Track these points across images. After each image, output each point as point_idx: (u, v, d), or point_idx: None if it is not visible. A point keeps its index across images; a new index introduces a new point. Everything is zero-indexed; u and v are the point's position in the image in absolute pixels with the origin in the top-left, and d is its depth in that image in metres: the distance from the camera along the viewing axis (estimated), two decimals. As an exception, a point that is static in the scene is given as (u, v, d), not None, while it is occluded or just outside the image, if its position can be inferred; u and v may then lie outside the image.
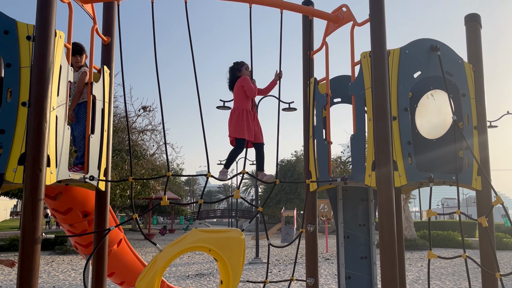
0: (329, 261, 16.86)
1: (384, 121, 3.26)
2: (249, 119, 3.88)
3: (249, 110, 3.93)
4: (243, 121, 3.84)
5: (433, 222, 31.45)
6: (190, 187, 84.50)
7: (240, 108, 3.91)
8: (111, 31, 3.79)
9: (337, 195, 4.23)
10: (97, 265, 3.58)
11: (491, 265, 3.39)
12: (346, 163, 27.95)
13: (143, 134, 22.99)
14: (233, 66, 4.15)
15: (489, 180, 3.51)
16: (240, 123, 3.85)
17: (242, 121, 3.85)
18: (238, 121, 3.85)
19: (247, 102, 3.96)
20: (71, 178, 3.10)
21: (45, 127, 2.65)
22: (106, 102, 3.63)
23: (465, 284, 11.46)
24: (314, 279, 3.94)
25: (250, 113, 3.92)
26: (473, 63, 3.78)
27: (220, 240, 3.21)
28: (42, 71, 2.69)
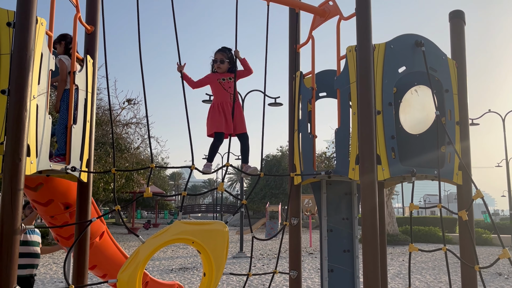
0: (313, 255, 17.00)
1: (368, 115, 3.29)
2: (224, 111, 3.84)
3: (224, 102, 3.87)
4: (215, 115, 3.83)
5: (415, 217, 31.95)
6: (175, 182, 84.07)
7: (213, 102, 3.91)
8: (94, 20, 3.72)
9: (321, 189, 4.25)
10: (79, 257, 3.53)
11: (470, 258, 3.45)
12: (331, 158, 28.17)
13: (127, 127, 22.75)
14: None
15: (470, 175, 3.57)
16: (213, 117, 3.84)
17: (214, 115, 3.84)
18: (212, 116, 3.86)
19: (217, 95, 3.93)
20: (52, 169, 3.04)
21: (25, 116, 2.59)
22: (89, 92, 3.57)
23: (445, 278, 11.68)
24: (297, 272, 3.96)
25: (224, 105, 3.86)
26: (457, 59, 3.83)
27: (203, 232, 3.20)
28: (23, 59, 2.63)
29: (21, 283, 4.86)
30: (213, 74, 3.99)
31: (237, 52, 3.84)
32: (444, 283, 10.86)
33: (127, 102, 21.93)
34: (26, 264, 4.86)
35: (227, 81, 3.95)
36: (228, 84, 3.95)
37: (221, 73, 3.96)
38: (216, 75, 3.97)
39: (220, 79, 3.95)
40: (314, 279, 11.31)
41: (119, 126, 22.17)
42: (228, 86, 3.94)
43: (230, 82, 3.96)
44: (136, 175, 22.46)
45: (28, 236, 4.87)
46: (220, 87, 3.95)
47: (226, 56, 3.96)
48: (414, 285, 10.50)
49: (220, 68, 3.94)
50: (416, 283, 10.88)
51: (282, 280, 10.80)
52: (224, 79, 3.95)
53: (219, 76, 3.96)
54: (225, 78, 3.95)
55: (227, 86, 3.94)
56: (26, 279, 4.84)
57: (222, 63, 3.93)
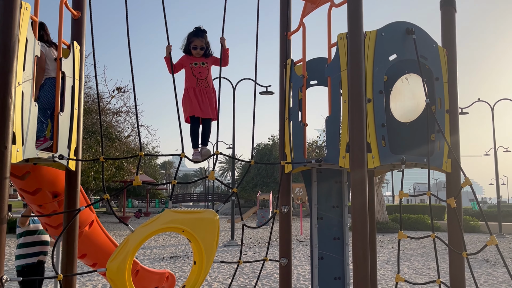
0: (303, 243, 17.14)
1: (359, 103, 3.28)
2: (196, 96, 3.78)
3: (193, 88, 3.78)
4: (187, 100, 3.78)
5: (405, 205, 32.31)
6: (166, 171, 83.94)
7: (185, 87, 3.84)
8: (81, 5, 3.64)
9: (311, 177, 4.25)
10: (67, 246, 3.50)
11: (458, 245, 3.48)
12: (322, 147, 28.27)
13: (117, 115, 22.56)
14: None
15: (459, 163, 3.59)
16: (185, 102, 3.80)
17: (186, 100, 3.79)
18: (184, 102, 3.82)
19: (187, 80, 3.84)
20: (39, 157, 3.00)
21: (10, 103, 2.53)
22: (77, 80, 3.51)
23: (433, 264, 11.86)
24: (288, 259, 3.97)
25: (196, 90, 3.79)
26: (447, 47, 3.82)
27: (193, 221, 3.19)
28: (7, 44, 2.56)
29: (34, 270, 5.09)
30: (187, 58, 3.86)
31: (223, 39, 3.74)
32: (432, 270, 11.02)
33: (116, 91, 21.73)
34: (38, 252, 5.14)
35: (199, 66, 3.84)
36: (198, 70, 3.83)
37: (197, 57, 3.85)
38: (190, 59, 3.85)
39: (192, 63, 3.84)
40: (305, 267, 11.42)
41: (109, 114, 21.99)
42: (198, 71, 3.83)
43: (202, 67, 3.84)
44: (127, 164, 22.36)
45: (38, 225, 5.10)
46: (190, 72, 3.84)
47: (205, 42, 3.86)
48: (403, 272, 10.65)
49: (198, 54, 3.84)
50: (405, 269, 11.03)
51: (273, 267, 10.88)
52: (197, 64, 3.84)
53: (192, 60, 3.84)
54: (197, 62, 3.84)
55: (197, 71, 3.83)
56: (39, 266, 5.16)
57: (202, 49, 3.84)
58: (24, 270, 5.05)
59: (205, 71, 3.86)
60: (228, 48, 3.81)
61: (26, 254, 5.10)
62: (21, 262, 5.08)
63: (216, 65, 3.90)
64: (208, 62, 3.89)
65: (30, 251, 5.12)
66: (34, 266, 5.15)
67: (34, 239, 5.16)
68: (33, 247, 5.14)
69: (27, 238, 5.12)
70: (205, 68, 3.86)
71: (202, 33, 3.88)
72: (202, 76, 3.83)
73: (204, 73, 3.85)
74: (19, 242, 5.14)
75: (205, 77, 3.85)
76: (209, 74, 3.91)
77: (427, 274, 10.44)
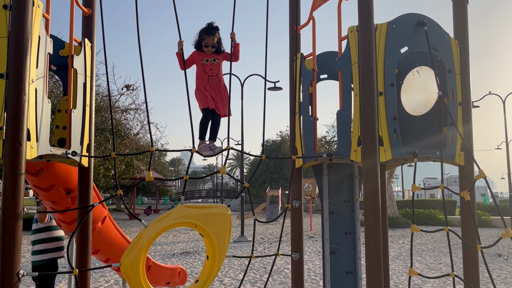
0: (313, 239, 17.13)
1: (370, 96, 3.25)
2: (208, 91, 3.80)
3: (204, 84, 3.81)
4: (201, 95, 3.82)
5: (415, 200, 32.12)
6: (175, 168, 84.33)
7: (196, 84, 3.87)
8: (92, 3, 3.66)
9: (322, 172, 4.24)
10: (81, 242, 3.54)
11: (472, 238, 3.46)
12: (331, 142, 28.16)
13: (126, 113, 22.68)
14: None
15: (472, 155, 3.55)
16: (199, 97, 3.85)
17: (200, 95, 3.84)
18: (198, 96, 3.86)
19: (198, 77, 3.85)
20: (52, 154, 3.03)
21: (24, 100, 2.56)
22: (88, 76, 3.53)
23: (445, 259, 11.79)
24: (299, 254, 3.97)
25: (207, 87, 3.81)
26: (459, 39, 3.78)
27: (206, 216, 3.20)
28: (20, 42, 2.58)
29: (54, 264, 5.27)
30: (198, 54, 3.85)
31: (234, 34, 3.73)
32: (444, 264, 10.96)
33: (125, 88, 21.83)
34: (55, 248, 5.29)
35: (210, 62, 3.83)
36: (209, 66, 3.83)
37: (208, 54, 3.84)
38: (201, 55, 3.84)
39: (203, 60, 3.83)
40: (315, 262, 11.42)
41: (118, 112, 22.10)
42: (209, 68, 3.82)
43: (213, 64, 3.84)
44: (136, 161, 22.49)
45: (53, 221, 5.24)
46: (201, 69, 3.84)
47: (216, 40, 3.84)
48: (415, 267, 10.60)
49: (210, 51, 3.83)
50: (416, 264, 10.98)
51: (283, 263, 10.89)
52: (208, 60, 3.83)
53: (203, 56, 3.83)
54: (208, 59, 3.83)
55: (208, 68, 3.82)
56: (55, 261, 5.34)
57: (213, 47, 3.82)
58: (46, 265, 5.18)
59: (216, 68, 3.86)
60: (239, 43, 3.81)
61: (48, 249, 5.22)
62: (43, 257, 5.21)
63: (227, 60, 3.90)
64: (219, 58, 3.89)
65: (51, 246, 5.25)
66: (55, 260, 5.31)
67: (53, 234, 5.27)
68: (53, 242, 5.27)
69: (47, 233, 5.23)
70: (216, 65, 3.86)
71: (214, 31, 3.86)
72: (214, 73, 3.84)
73: (215, 70, 3.85)
74: (40, 237, 5.24)
75: (216, 74, 3.86)
76: (220, 70, 3.91)
77: (439, 269, 10.39)
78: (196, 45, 3.88)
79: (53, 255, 5.27)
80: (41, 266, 5.17)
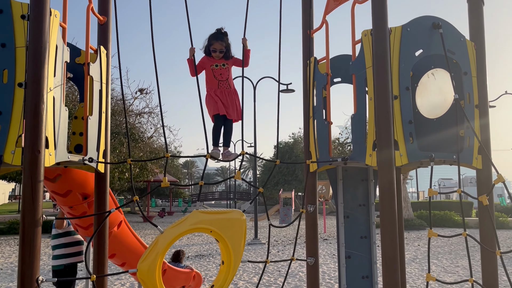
0: (327, 241, 17.03)
1: (385, 100, 3.23)
2: (219, 97, 3.80)
3: (214, 89, 3.82)
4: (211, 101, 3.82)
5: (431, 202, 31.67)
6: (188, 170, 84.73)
7: (206, 90, 3.88)
8: (107, 11, 3.71)
9: (337, 176, 4.22)
10: (98, 247, 3.58)
11: (491, 243, 3.41)
12: (344, 144, 27.99)
13: (140, 116, 22.89)
14: None
15: (490, 159, 3.50)
16: (209, 103, 3.85)
17: (210, 101, 3.84)
18: (208, 102, 3.86)
19: (208, 83, 3.87)
20: (70, 160, 3.07)
21: (43, 108, 2.60)
22: (104, 83, 3.58)
23: (462, 262, 11.62)
24: (315, 259, 3.96)
25: (217, 92, 3.82)
26: (475, 40, 3.73)
27: (221, 221, 3.21)
28: (38, 51, 2.63)
29: (74, 269, 5.35)
30: (207, 59, 3.87)
31: (245, 40, 3.74)
32: (461, 268, 10.81)
33: (139, 92, 22.04)
34: (74, 252, 5.39)
35: (219, 67, 3.85)
36: (219, 71, 3.84)
37: (217, 59, 3.86)
38: (210, 60, 3.86)
39: (213, 65, 3.85)
40: (330, 265, 11.35)
41: (132, 116, 22.32)
42: (219, 73, 3.84)
43: (222, 69, 3.85)
44: (150, 164, 22.66)
45: (71, 226, 5.33)
46: (211, 74, 3.85)
47: (225, 45, 3.85)
48: (431, 270, 10.47)
49: (218, 56, 3.84)
50: (432, 267, 10.85)
51: (297, 266, 10.85)
52: (217, 65, 3.84)
53: (213, 61, 3.85)
54: (218, 64, 3.85)
55: (218, 73, 3.84)
56: (75, 266, 5.43)
57: (221, 52, 3.83)
58: (66, 270, 5.26)
59: (226, 72, 3.87)
60: (250, 49, 3.82)
61: (67, 253, 5.30)
62: (63, 262, 5.30)
63: (236, 65, 3.92)
64: (229, 63, 3.90)
65: (70, 251, 5.33)
66: (74, 265, 5.39)
67: (72, 239, 5.35)
68: (73, 247, 5.34)
69: (67, 239, 5.31)
70: (225, 70, 3.87)
71: (222, 36, 3.88)
72: (223, 78, 3.85)
73: (225, 74, 3.87)
74: (60, 242, 5.34)
75: (226, 78, 3.87)
76: (230, 75, 3.92)
77: (456, 272, 10.24)
78: (205, 50, 3.90)
79: (73, 259, 5.34)
80: (61, 271, 5.26)
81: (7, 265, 11.79)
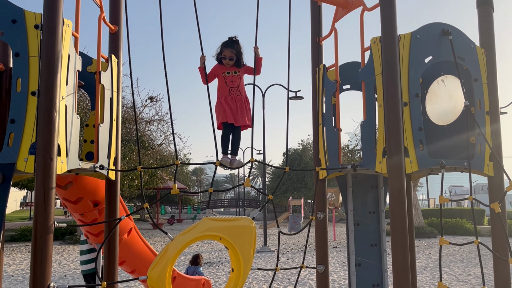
0: (337, 249, 16.91)
1: (395, 107, 3.22)
2: (229, 104, 3.81)
3: (226, 96, 3.83)
4: (220, 108, 3.83)
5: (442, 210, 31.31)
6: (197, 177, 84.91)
7: (217, 96, 3.89)
8: (118, 20, 3.76)
9: (347, 183, 4.21)
10: (109, 254, 3.60)
11: (503, 251, 3.36)
12: (354, 151, 27.85)
13: (150, 124, 23.05)
14: None
15: (502, 166, 3.47)
16: (218, 110, 3.85)
17: (219, 108, 3.84)
18: (217, 109, 3.87)
19: (220, 90, 3.89)
20: (81, 168, 3.10)
21: (55, 117, 2.64)
22: (115, 92, 3.62)
23: (474, 271, 11.45)
24: (324, 267, 3.94)
25: (228, 99, 3.83)
26: (485, 47, 3.71)
27: (231, 228, 3.21)
28: (51, 60, 2.68)
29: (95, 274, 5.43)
30: (219, 67, 3.91)
31: (257, 48, 3.77)
32: (473, 276, 10.65)
33: (149, 100, 22.22)
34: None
35: (231, 75, 3.88)
36: (230, 78, 3.87)
37: (228, 67, 3.89)
38: (222, 68, 3.90)
39: (225, 73, 3.88)
40: (340, 273, 11.27)
41: (142, 123, 22.49)
42: (230, 80, 3.87)
43: (234, 76, 3.88)
44: (160, 171, 22.76)
45: None
46: (223, 81, 3.89)
47: (235, 52, 3.88)
48: (443, 278, 10.34)
49: (228, 64, 3.88)
50: (444, 276, 10.70)
51: (307, 274, 10.79)
52: (229, 73, 3.88)
53: (225, 69, 3.89)
54: (230, 71, 3.88)
55: (229, 80, 3.87)
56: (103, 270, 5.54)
57: (231, 60, 3.87)
58: (94, 274, 5.36)
59: (237, 79, 3.90)
60: (262, 57, 3.84)
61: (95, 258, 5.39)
62: (92, 266, 5.45)
63: (248, 73, 3.95)
64: (241, 71, 3.93)
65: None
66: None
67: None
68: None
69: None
70: (237, 77, 3.90)
71: (233, 44, 3.92)
72: (235, 85, 3.88)
73: (236, 81, 3.89)
74: (87, 248, 5.49)
75: (237, 85, 3.90)
76: (241, 82, 3.94)
77: (468, 280, 10.10)
78: (217, 58, 3.95)
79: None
80: (89, 275, 5.44)
81: (18, 272, 11.89)
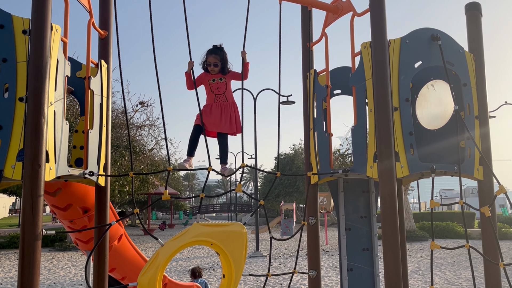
0: (329, 253, 16.91)
1: (385, 112, 3.24)
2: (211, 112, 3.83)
3: (211, 104, 3.85)
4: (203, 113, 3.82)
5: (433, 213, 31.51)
6: (189, 182, 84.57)
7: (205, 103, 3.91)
8: (107, 25, 3.73)
9: (338, 187, 4.21)
10: (99, 261, 3.55)
11: (494, 255, 3.38)
12: (345, 155, 27.96)
13: (141, 129, 22.93)
14: None
15: (492, 170, 3.49)
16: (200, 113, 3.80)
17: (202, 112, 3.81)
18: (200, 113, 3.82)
19: (207, 97, 3.92)
20: (70, 174, 3.07)
21: (43, 123, 2.61)
22: (104, 97, 3.59)
23: (465, 274, 11.52)
24: (316, 272, 3.93)
25: (211, 106, 3.85)
26: (474, 52, 3.75)
27: (222, 234, 3.19)
28: (39, 66, 2.65)
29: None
30: (205, 75, 3.94)
31: (244, 53, 3.78)
32: (464, 279, 10.71)
33: (140, 105, 22.12)
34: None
35: (217, 82, 3.90)
36: (216, 85, 3.89)
37: (213, 74, 3.91)
38: (208, 76, 3.92)
39: (210, 80, 3.90)
40: (332, 278, 11.26)
41: (133, 128, 22.37)
42: (216, 87, 3.89)
43: (220, 83, 3.90)
44: (151, 177, 22.62)
45: None
46: (209, 88, 3.91)
47: (219, 59, 3.90)
48: (434, 282, 10.37)
49: (213, 70, 3.90)
50: (435, 279, 10.75)
51: (299, 279, 10.76)
52: (215, 80, 3.90)
53: (210, 76, 3.91)
54: (215, 79, 3.90)
55: (214, 87, 3.89)
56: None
57: (215, 66, 3.88)
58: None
59: (223, 86, 3.91)
60: (249, 62, 3.85)
61: None
62: None
63: (235, 79, 3.97)
64: (227, 77, 3.94)
65: None
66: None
67: None
68: None
69: None
70: (223, 83, 3.92)
71: (217, 51, 3.95)
72: (220, 92, 3.90)
73: (222, 88, 3.91)
74: None
75: (223, 92, 3.91)
76: (227, 88, 3.95)
77: (459, 284, 10.15)
78: (203, 66, 3.97)
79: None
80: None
81: (7, 280, 11.71)
